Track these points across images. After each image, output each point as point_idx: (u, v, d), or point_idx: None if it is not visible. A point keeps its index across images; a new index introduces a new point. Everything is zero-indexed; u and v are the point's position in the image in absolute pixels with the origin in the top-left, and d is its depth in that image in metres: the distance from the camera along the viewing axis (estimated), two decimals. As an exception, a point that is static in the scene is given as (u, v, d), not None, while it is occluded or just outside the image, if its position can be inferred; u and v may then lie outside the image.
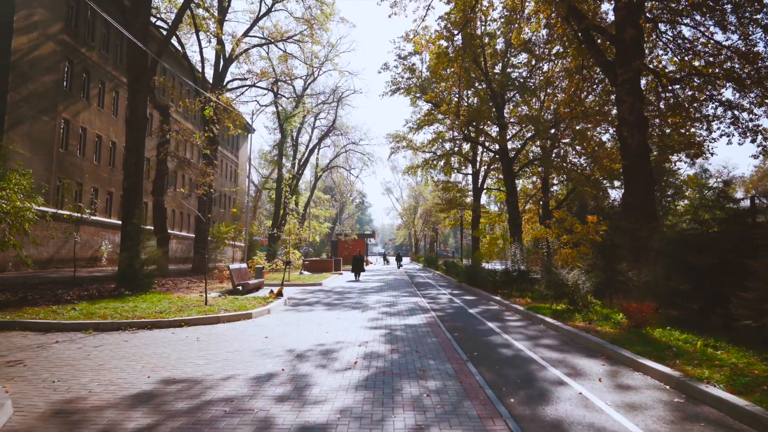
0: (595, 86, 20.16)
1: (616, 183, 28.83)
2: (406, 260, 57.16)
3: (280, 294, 12.14)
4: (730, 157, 76.19)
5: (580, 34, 16.07)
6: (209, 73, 25.12)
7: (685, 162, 14.71)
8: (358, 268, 21.20)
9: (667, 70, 17.32)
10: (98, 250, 23.33)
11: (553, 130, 23.79)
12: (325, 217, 46.31)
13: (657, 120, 17.54)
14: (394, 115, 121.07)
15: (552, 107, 23.98)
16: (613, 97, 19.98)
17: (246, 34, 25.23)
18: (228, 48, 24.92)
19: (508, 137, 24.74)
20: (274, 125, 36.93)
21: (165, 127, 19.95)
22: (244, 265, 15.39)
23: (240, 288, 13.85)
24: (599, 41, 15.97)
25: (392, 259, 55.91)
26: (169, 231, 31.27)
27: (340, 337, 6.98)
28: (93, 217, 23.13)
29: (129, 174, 17.23)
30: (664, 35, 16.57)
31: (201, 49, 23.15)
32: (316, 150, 40.94)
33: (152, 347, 6.17)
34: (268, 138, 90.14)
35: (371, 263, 48.33)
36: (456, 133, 29.96)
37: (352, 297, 13.17)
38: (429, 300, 12.78)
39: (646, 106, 15.52)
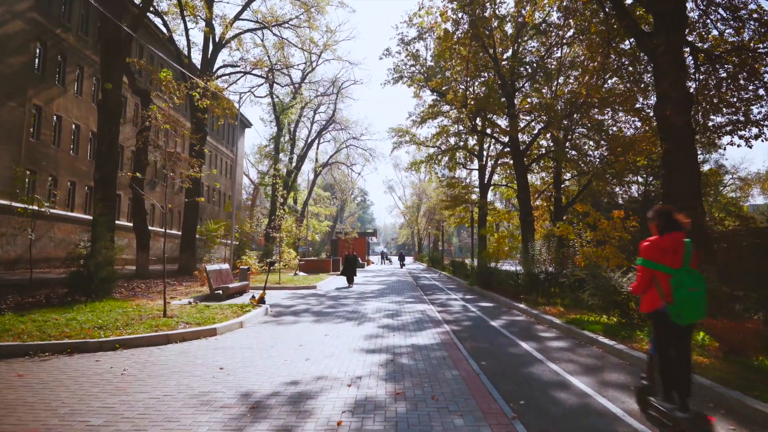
0: (619, 66, 18.03)
1: (627, 178, 27.17)
2: (408, 260, 55.18)
3: (261, 301, 10.21)
4: (745, 153, 73.82)
5: (607, 4, 14.13)
6: (198, 60, 23.22)
7: (738, 146, 12.67)
8: (350, 272, 17.06)
9: (704, 46, 15.33)
10: (75, 249, 21.44)
11: (565, 122, 21.84)
12: (325, 215, 44.43)
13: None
14: (396, 109, 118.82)
15: (565, 96, 22.03)
16: (638, 82, 18.00)
17: (237, 17, 23.32)
18: (218, 31, 23.00)
19: (522, 125, 22.80)
20: (270, 117, 35.05)
21: (143, 113, 18.07)
22: (225, 266, 13.47)
23: (220, 292, 11.95)
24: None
25: (394, 259, 53.89)
26: (158, 229, 29.44)
27: (324, 369, 5.03)
28: (70, 214, 21.30)
29: (101, 163, 15.42)
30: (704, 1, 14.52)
31: (187, 30, 21.23)
32: (315, 144, 39.04)
33: (47, 389, 4.24)
34: (264, 132, 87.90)
35: (372, 263, 46.37)
36: (461, 127, 28.28)
37: (348, 304, 11.22)
38: (439, 308, 10.82)
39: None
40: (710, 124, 14.06)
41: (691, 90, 15.17)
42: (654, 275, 3.24)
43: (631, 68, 17.23)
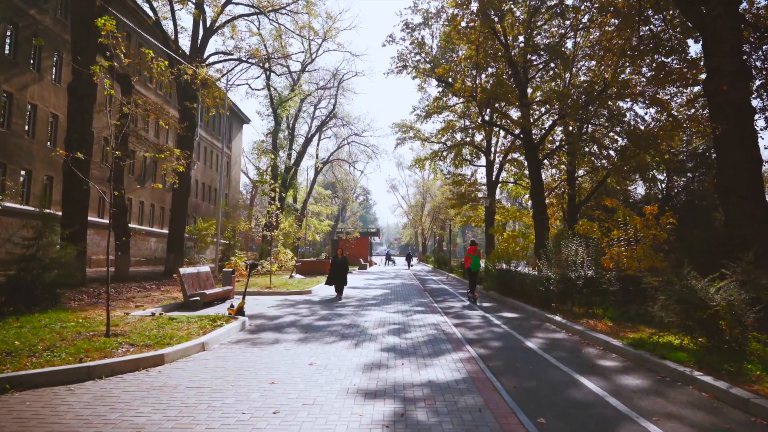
0: (648, 46, 16.16)
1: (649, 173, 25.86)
2: (413, 260, 53.30)
3: (240, 311, 8.43)
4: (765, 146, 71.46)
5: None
6: (187, 46, 21.55)
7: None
8: (339, 280, 12.52)
9: (749, 19, 13.49)
10: (15, 249, 19.76)
11: (580, 112, 20.06)
12: (326, 214, 42.69)
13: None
14: (400, 104, 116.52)
15: (582, 86, 20.25)
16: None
17: (230, 0, 21.61)
18: (209, 15, 21.30)
19: (534, 117, 21.03)
20: (267, 111, 33.29)
21: (122, 99, 16.44)
22: (205, 269, 11.71)
23: (197, 299, 10.20)
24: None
25: (399, 260, 51.95)
26: (147, 228, 27.78)
27: (298, 433, 3.24)
28: (47, 211, 19.61)
29: (71, 153, 13.79)
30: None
31: (173, 12, 19.55)
32: (315, 140, 37.33)
33: None
34: (261, 126, 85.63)
35: (375, 264, 44.57)
36: (468, 122, 26.77)
37: (345, 314, 9.42)
38: (455, 319, 9.00)
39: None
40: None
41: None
42: (469, 258, 12.79)
43: (653, 52, 15.45)
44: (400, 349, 6.05)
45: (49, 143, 19.90)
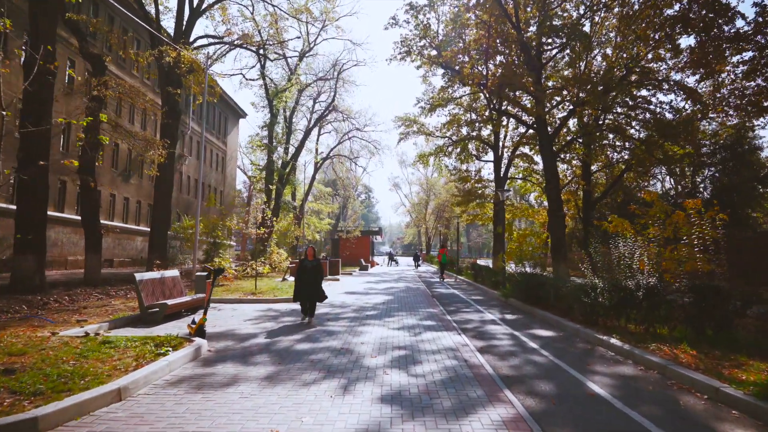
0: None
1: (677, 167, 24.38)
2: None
3: (200, 330, 6.53)
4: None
5: None
6: (171, 28, 19.72)
7: None
8: (307, 294, 8.45)
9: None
10: None
11: (599, 99, 18.10)
12: (327, 212, 40.81)
13: None
14: (402, 99, 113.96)
15: (601, 73, 18.33)
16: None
17: (218, -22, 19.75)
18: (196, -8, 19.42)
19: (551, 105, 19.11)
20: (263, 103, 31.38)
21: (92, 81, 14.64)
22: (172, 273, 9.81)
23: (156, 311, 8.32)
24: None
25: (403, 260, 49.95)
26: (132, 226, 25.94)
27: None
28: (14, 207, 17.82)
29: (27, 138, 12.24)
30: None
31: (154, -13, 17.67)
32: (314, 134, 35.43)
33: None
34: (257, 119, 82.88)
35: (377, 264, 42.64)
36: (474, 115, 24.89)
37: (337, 332, 7.49)
38: (477, 341, 7.05)
39: None
40: None
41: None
42: (440, 256, 24.13)
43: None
44: (409, 399, 4.11)
45: (17, 134, 18.07)
